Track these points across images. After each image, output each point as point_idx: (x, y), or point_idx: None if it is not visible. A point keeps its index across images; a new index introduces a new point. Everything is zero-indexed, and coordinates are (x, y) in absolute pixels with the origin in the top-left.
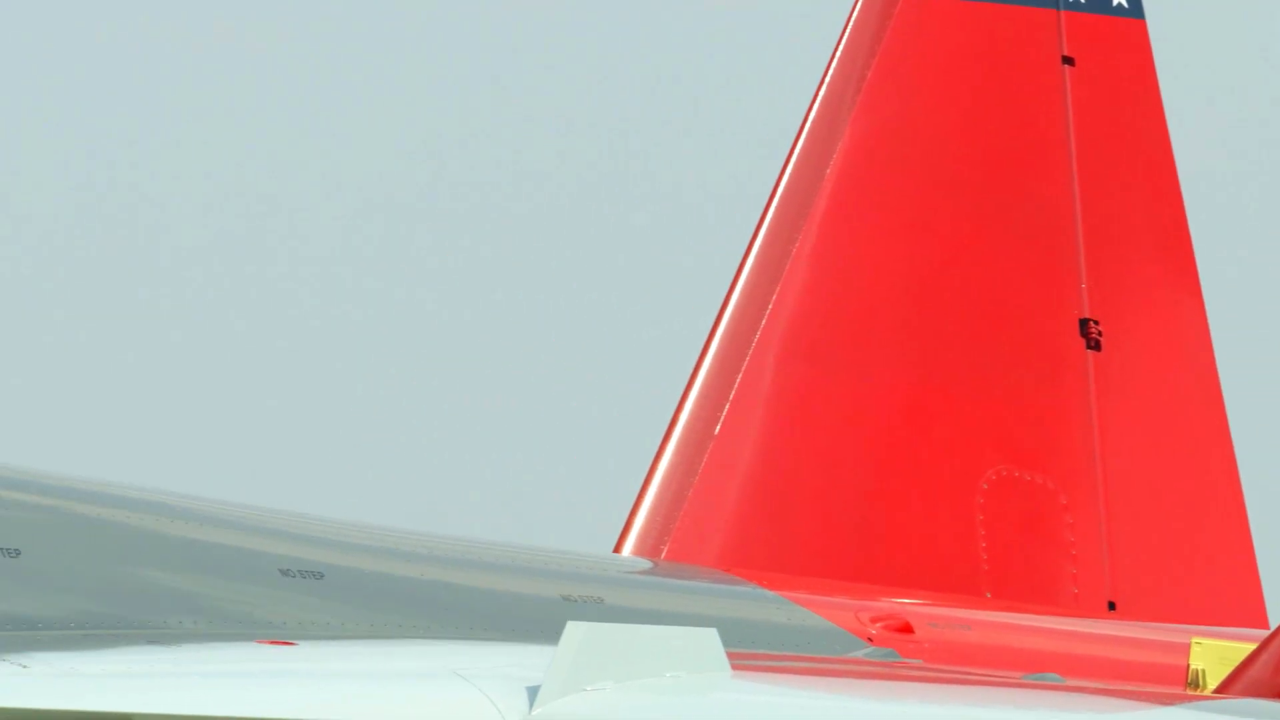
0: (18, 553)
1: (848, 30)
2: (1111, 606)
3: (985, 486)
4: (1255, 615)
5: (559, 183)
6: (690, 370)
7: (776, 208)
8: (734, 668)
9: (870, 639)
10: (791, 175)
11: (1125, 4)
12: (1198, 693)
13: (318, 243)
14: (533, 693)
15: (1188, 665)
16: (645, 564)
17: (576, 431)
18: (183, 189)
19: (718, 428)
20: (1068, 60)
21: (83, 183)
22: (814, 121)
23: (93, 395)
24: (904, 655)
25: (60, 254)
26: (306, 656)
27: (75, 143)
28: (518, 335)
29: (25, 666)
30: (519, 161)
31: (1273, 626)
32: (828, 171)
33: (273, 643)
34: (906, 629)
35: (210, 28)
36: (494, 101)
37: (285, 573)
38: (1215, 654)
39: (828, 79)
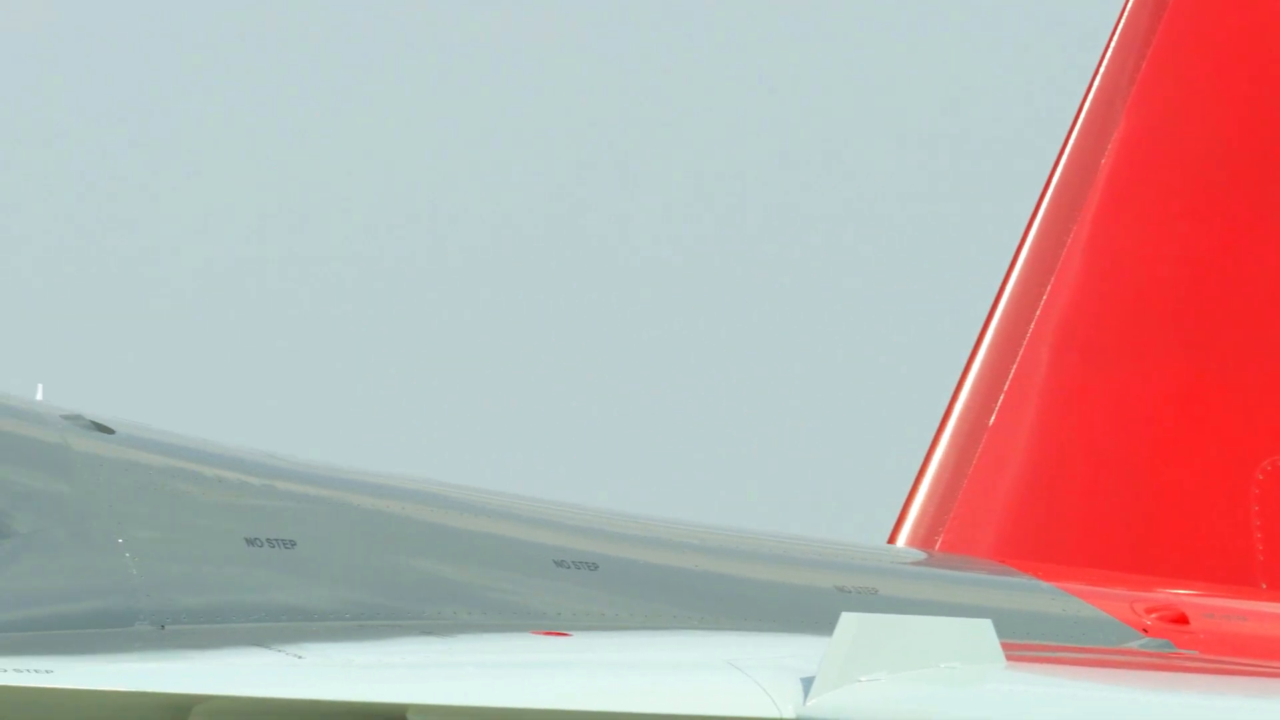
0: (293, 544)
1: (1122, 21)
2: None
3: (1261, 477)
4: None
5: (837, 175)
6: (965, 363)
7: (1051, 200)
8: (1009, 659)
9: (1145, 630)
10: (1066, 168)
11: None
12: None
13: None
14: (807, 684)
15: None
16: (919, 555)
17: (853, 423)
18: (195, 192)
19: (992, 419)
20: None
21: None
22: (1089, 113)
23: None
24: (1179, 646)
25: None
26: (581, 647)
27: (78, 144)
28: (804, 332)
29: (300, 657)
30: (763, 151)
31: None
32: (1102, 163)
33: (548, 633)
34: (1182, 620)
35: (212, 29)
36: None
37: (560, 564)
38: None
39: (1102, 70)
